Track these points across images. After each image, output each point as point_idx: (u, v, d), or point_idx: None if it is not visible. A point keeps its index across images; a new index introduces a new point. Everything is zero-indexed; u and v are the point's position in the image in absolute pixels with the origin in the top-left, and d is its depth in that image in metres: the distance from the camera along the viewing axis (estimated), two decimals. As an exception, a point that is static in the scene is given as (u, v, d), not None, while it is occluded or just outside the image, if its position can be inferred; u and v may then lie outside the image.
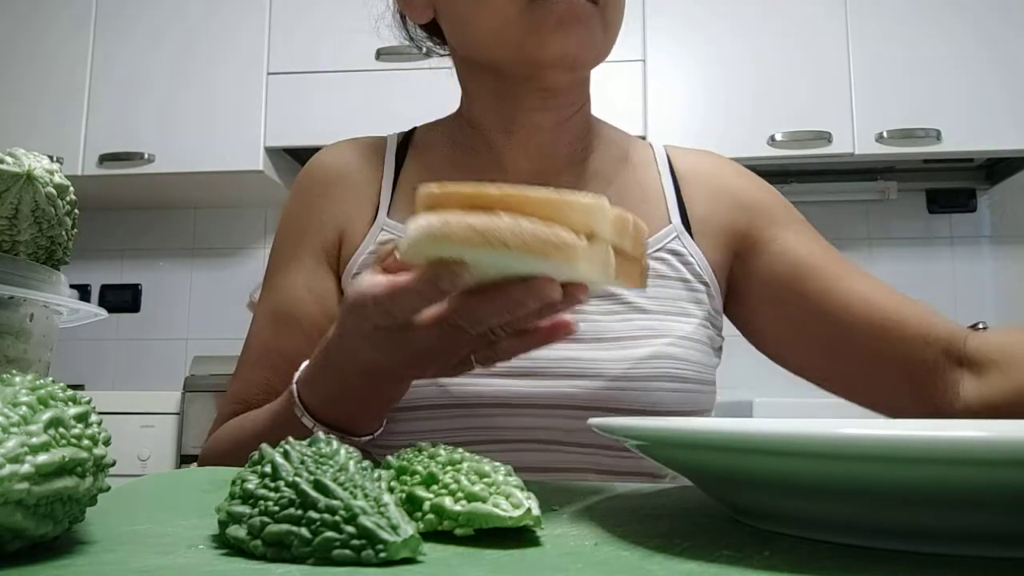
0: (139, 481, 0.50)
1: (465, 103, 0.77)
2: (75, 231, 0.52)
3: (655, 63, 2.29)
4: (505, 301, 0.43)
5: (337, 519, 0.28)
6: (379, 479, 0.31)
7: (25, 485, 0.26)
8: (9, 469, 0.26)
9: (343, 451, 0.32)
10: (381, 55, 2.34)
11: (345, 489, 0.29)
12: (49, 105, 2.44)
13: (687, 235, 0.73)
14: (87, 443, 0.29)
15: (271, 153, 2.40)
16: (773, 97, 2.22)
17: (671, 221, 0.74)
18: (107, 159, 2.38)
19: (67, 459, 0.28)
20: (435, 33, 0.78)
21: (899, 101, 2.19)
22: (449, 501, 0.32)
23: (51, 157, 0.50)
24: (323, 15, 2.40)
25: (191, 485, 0.48)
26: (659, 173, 0.77)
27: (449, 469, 0.34)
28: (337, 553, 0.28)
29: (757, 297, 0.75)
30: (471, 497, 0.32)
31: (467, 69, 0.75)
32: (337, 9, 2.37)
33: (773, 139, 2.20)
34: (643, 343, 0.67)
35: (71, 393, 0.31)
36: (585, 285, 0.44)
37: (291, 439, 0.33)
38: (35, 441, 0.27)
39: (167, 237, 2.77)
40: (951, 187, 2.49)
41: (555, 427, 0.65)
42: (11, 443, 0.26)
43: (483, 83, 0.73)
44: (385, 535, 0.28)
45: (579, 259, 0.38)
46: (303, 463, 0.31)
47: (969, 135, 2.16)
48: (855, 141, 2.18)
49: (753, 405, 1.93)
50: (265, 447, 0.33)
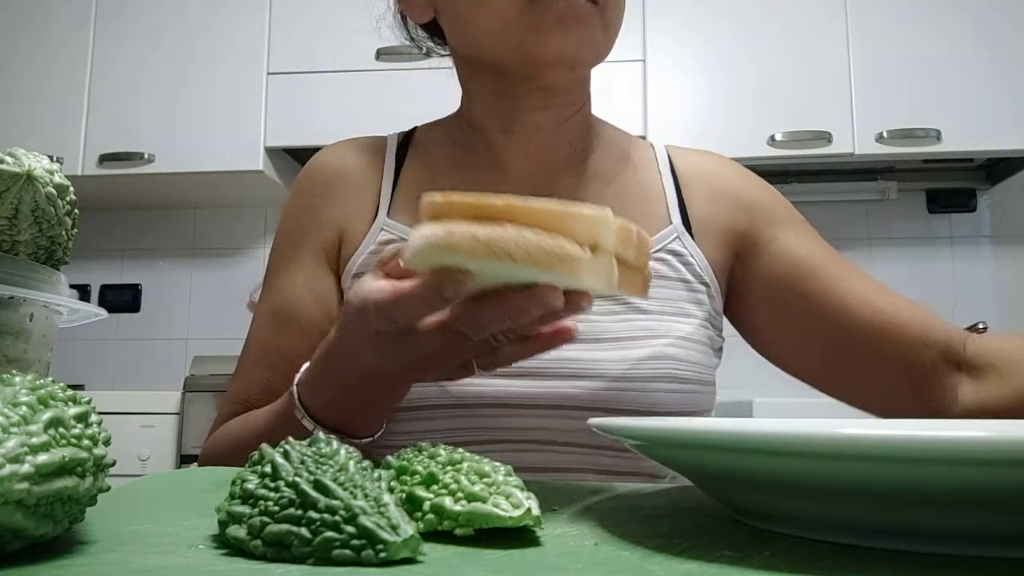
0: (139, 481, 0.50)
1: (465, 103, 0.77)
2: (75, 231, 0.52)
3: (655, 63, 2.29)
4: (507, 308, 0.43)
5: (337, 519, 0.28)
6: (379, 479, 0.31)
7: (25, 485, 0.26)
8: (9, 469, 0.26)
9: (343, 451, 0.32)
10: (381, 55, 2.34)
11: (345, 489, 0.29)
12: (49, 105, 2.44)
13: (688, 236, 0.73)
14: (87, 443, 0.29)
15: (271, 153, 2.40)
16: (773, 97, 2.22)
17: (672, 221, 0.73)
18: (107, 159, 2.39)
19: (67, 459, 0.28)
20: (436, 33, 0.78)
21: (899, 101, 2.19)
22: (449, 501, 0.32)
23: (51, 157, 0.50)
24: (323, 15, 2.40)
25: (191, 485, 0.48)
26: (660, 173, 0.77)
27: (449, 469, 0.34)
28: (337, 553, 0.28)
29: (757, 297, 0.75)
30: (471, 497, 0.32)
31: (467, 69, 0.75)
32: (337, 9, 2.37)
33: (773, 139, 2.20)
34: (643, 344, 0.67)
35: (71, 393, 0.31)
36: (588, 293, 0.44)
37: (291, 439, 0.33)
38: (35, 441, 0.27)
39: (167, 237, 2.77)
40: (951, 187, 2.49)
41: (555, 427, 0.65)
42: (11, 443, 0.26)
43: (483, 83, 0.73)
44: (385, 535, 0.28)
45: (583, 271, 0.38)
46: (303, 463, 0.31)
47: (969, 135, 2.16)
48: (855, 141, 2.18)
49: (753, 405, 1.93)
50: (265, 447, 0.33)
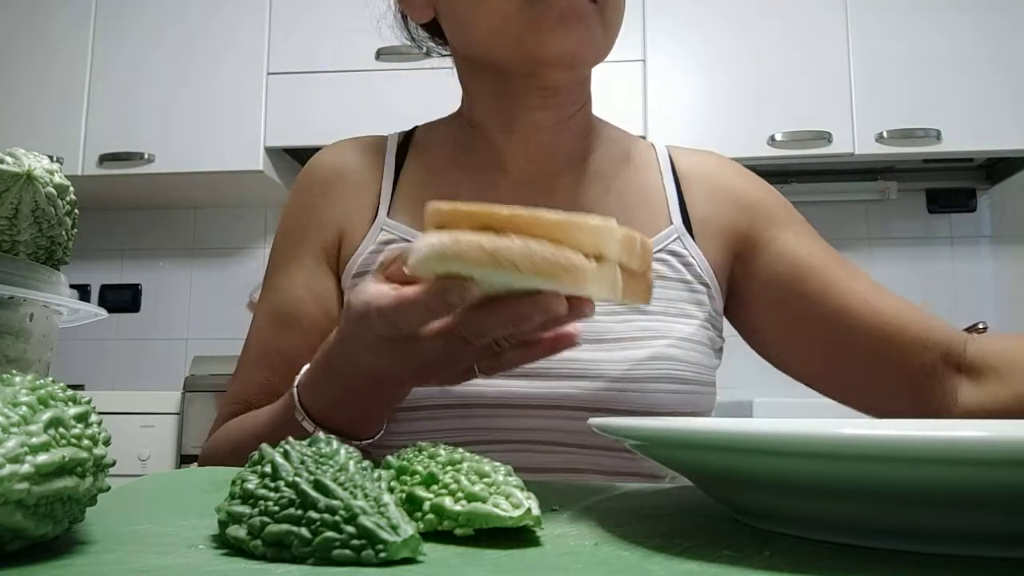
0: (139, 481, 0.50)
1: (466, 102, 0.77)
2: (75, 231, 0.52)
3: (655, 63, 2.29)
4: (511, 315, 0.44)
5: (337, 519, 0.28)
6: (379, 479, 0.31)
7: (25, 485, 0.26)
8: (9, 469, 0.26)
9: (343, 451, 0.32)
10: (381, 55, 2.34)
11: (345, 489, 0.29)
12: (49, 105, 2.44)
13: (688, 236, 0.73)
14: (87, 443, 0.29)
15: (271, 153, 2.40)
16: (773, 97, 2.22)
17: (672, 222, 0.73)
18: (107, 159, 2.39)
19: (67, 459, 0.28)
20: (436, 33, 0.78)
21: (899, 101, 2.19)
22: (449, 501, 0.32)
23: (51, 157, 0.50)
24: (323, 15, 2.40)
25: (191, 485, 0.48)
26: (661, 174, 0.77)
27: (449, 469, 0.34)
28: (337, 553, 0.28)
29: (757, 298, 0.74)
30: (471, 497, 0.32)
31: (467, 68, 0.75)
32: (337, 9, 2.37)
33: (773, 139, 2.20)
34: (643, 344, 0.67)
35: (71, 393, 0.31)
36: (590, 299, 0.44)
37: (291, 439, 0.33)
38: (35, 441, 0.27)
39: (167, 237, 2.77)
40: (951, 187, 2.49)
41: (555, 428, 0.65)
42: (11, 443, 0.26)
43: (483, 82, 0.73)
44: (385, 535, 0.28)
45: (588, 281, 0.39)
46: (303, 463, 0.31)
47: (969, 135, 2.16)
48: (855, 141, 2.18)
49: (753, 405, 1.93)
50: (265, 447, 0.33)
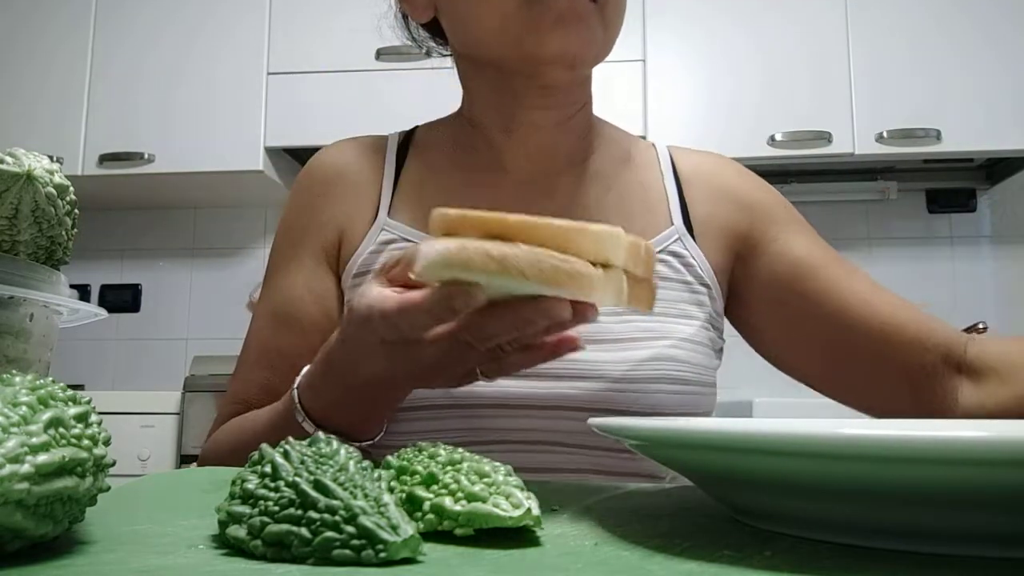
0: (139, 481, 0.50)
1: (466, 102, 0.77)
2: (75, 231, 0.52)
3: (655, 63, 2.29)
4: (515, 319, 0.44)
5: (337, 519, 0.28)
6: (379, 479, 0.31)
7: (25, 485, 0.26)
8: (9, 469, 0.26)
9: (343, 451, 0.32)
10: (381, 55, 2.34)
11: (345, 489, 0.29)
12: (49, 105, 2.44)
13: (689, 237, 0.73)
14: (87, 443, 0.29)
15: (271, 153, 2.40)
16: (773, 97, 2.22)
17: (673, 223, 0.73)
18: (107, 159, 2.39)
19: (67, 459, 0.28)
20: (437, 32, 0.78)
21: (899, 101, 2.19)
22: (449, 501, 0.32)
23: (51, 157, 0.50)
24: (323, 15, 2.40)
25: (191, 485, 0.48)
26: (662, 174, 0.77)
27: (449, 469, 0.34)
28: (337, 553, 0.28)
29: (757, 299, 0.74)
30: (471, 497, 0.32)
31: (468, 68, 0.75)
32: (337, 9, 2.37)
33: (773, 139, 2.20)
34: (644, 345, 0.67)
35: (71, 393, 0.31)
36: (594, 304, 0.44)
37: (291, 439, 0.33)
38: (35, 441, 0.27)
39: (167, 237, 2.77)
40: (951, 187, 2.49)
41: (556, 428, 0.65)
42: (11, 443, 0.26)
43: (484, 81, 0.73)
44: (385, 535, 0.28)
45: (594, 289, 0.39)
46: (303, 463, 0.31)
47: (969, 135, 2.16)
48: (855, 141, 2.18)
49: (753, 405, 1.93)
50: (265, 447, 0.33)
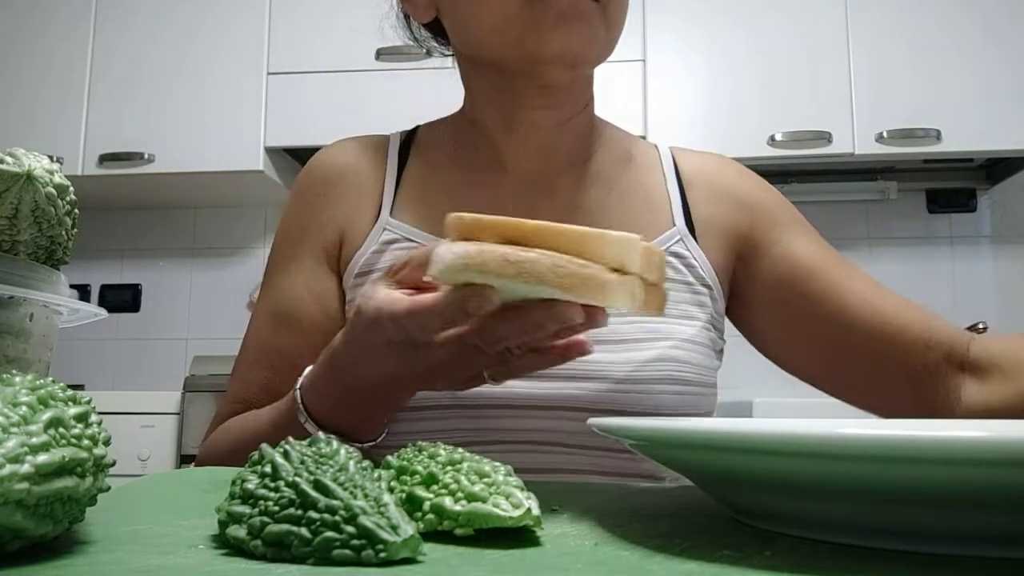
0: (139, 481, 0.50)
1: (467, 101, 0.77)
2: (75, 231, 0.52)
3: (655, 63, 2.29)
4: (526, 323, 0.43)
5: (337, 519, 0.28)
6: (379, 479, 0.31)
7: (25, 485, 0.26)
8: (9, 469, 0.26)
9: (343, 451, 0.32)
10: (381, 55, 2.34)
11: (345, 489, 0.29)
12: (49, 105, 2.44)
13: (691, 238, 0.73)
14: (87, 443, 0.29)
15: (271, 153, 2.40)
16: (773, 97, 2.22)
17: (675, 224, 0.73)
18: (107, 159, 2.39)
19: (67, 459, 0.28)
20: (438, 32, 0.78)
21: (899, 101, 2.19)
22: (449, 501, 0.32)
23: (51, 157, 0.50)
24: (323, 15, 2.40)
25: (191, 485, 0.48)
26: (664, 175, 0.76)
27: (449, 469, 0.34)
28: (337, 553, 0.28)
29: (759, 299, 0.74)
30: (471, 497, 0.32)
31: (469, 67, 0.75)
32: (337, 9, 2.37)
33: (773, 139, 2.20)
34: (647, 345, 0.67)
35: (71, 393, 0.31)
36: (604, 308, 0.44)
37: (291, 439, 0.33)
38: (35, 441, 0.27)
39: (167, 237, 2.77)
40: (951, 187, 2.49)
41: (558, 429, 0.65)
42: (11, 443, 0.26)
43: (485, 81, 0.73)
44: (385, 535, 0.28)
45: (611, 294, 0.39)
46: (303, 463, 0.31)
47: (969, 135, 2.16)
48: (855, 141, 2.18)
49: (753, 405, 1.93)
50: (265, 447, 0.33)
